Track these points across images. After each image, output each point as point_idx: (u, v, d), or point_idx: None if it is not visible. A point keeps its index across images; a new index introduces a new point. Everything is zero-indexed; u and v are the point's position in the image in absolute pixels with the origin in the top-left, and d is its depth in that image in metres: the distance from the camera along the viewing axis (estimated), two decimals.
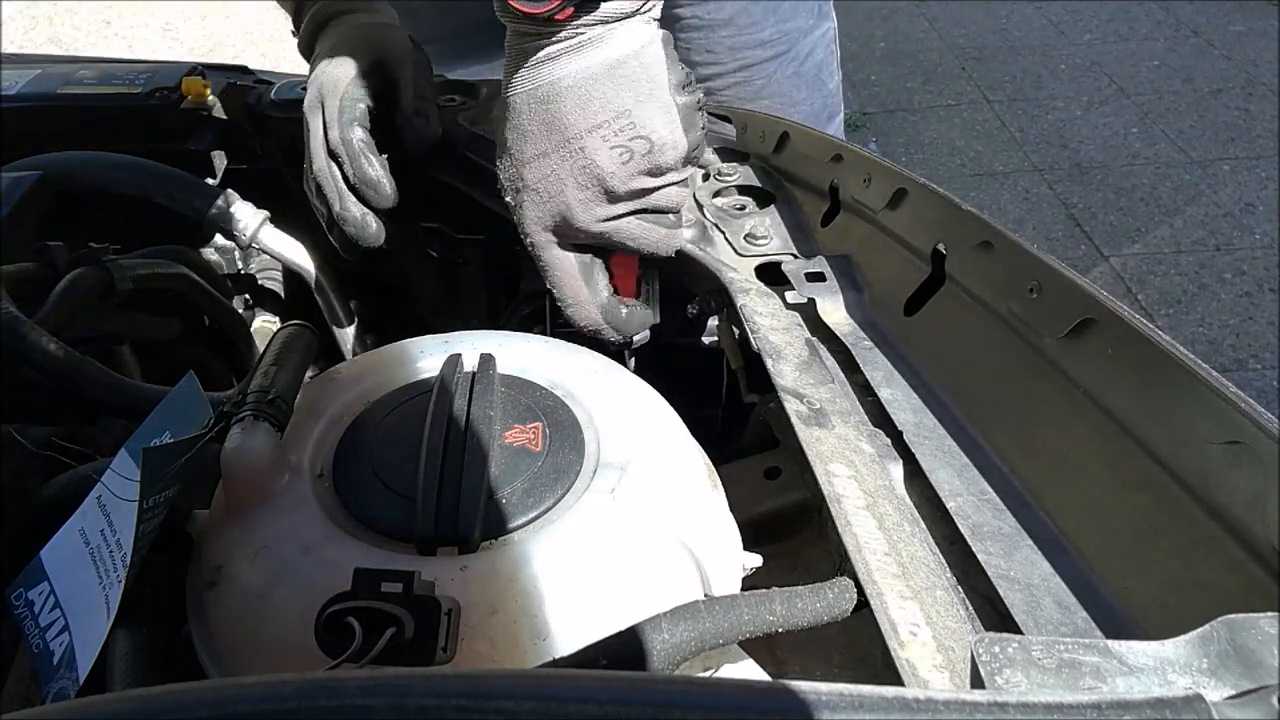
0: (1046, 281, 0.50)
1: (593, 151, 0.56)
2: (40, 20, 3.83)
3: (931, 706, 0.25)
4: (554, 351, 0.56)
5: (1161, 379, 0.42)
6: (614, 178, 0.57)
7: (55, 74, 0.91)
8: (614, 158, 0.56)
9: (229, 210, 0.80)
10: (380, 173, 0.70)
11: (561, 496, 0.45)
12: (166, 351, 0.80)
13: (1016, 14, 3.72)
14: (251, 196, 0.83)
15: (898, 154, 2.95)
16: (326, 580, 0.40)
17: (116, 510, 0.43)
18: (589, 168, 0.57)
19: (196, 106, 0.88)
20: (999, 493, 0.48)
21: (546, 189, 0.58)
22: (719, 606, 0.40)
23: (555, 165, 0.58)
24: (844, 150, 0.70)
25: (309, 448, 0.48)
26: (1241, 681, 0.29)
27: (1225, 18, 3.51)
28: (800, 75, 1.11)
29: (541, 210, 0.59)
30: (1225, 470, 0.39)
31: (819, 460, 0.48)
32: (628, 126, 0.56)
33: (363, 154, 0.69)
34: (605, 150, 0.56)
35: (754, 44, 1.07)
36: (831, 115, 1.17)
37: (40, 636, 0.43)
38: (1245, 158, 2.76)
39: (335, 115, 0.69)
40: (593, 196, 0.58)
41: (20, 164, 0.75)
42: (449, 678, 0.25)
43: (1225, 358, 2.11)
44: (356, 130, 0.69)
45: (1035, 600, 0.42)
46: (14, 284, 0.63)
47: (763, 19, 1.06)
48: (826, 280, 0.66)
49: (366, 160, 0.69)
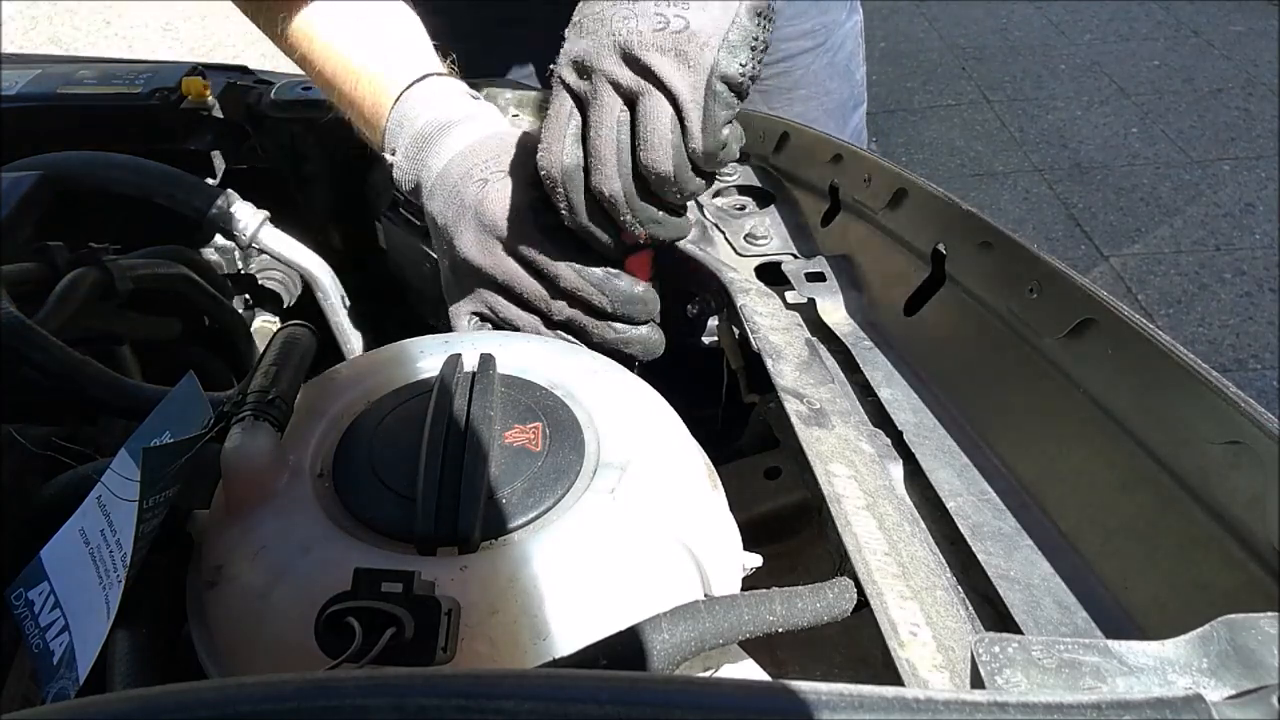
0: (1046, 281, 0.50)
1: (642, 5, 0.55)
2: (40, 20, 3.83)
3: (931, 706, 0.25)
4: (554, 351, 0.56)
5: (1161, 379, 0.42)
6: (640, 36, 0.54)
7: (55, 74, 0.91)
8: (652, 22, 0.54)
9: (229, 210, 0.80)
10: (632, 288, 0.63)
11: (561, 496, 0.45)
12: (166, 351, 0.80)
13: (1016, 14, 3.72)
14: (251, 196, 0.83)
15: (898, 154, 2.95)
16: (326, 580, 0.40)
17: (116, 510, 0.43)
18: (628, 21, 0.55)
19: (196, 106, 0.88)
20: (999, 493, 0.48)
21: (588, 25, 0.56)
22: (719, 606, 0.40)
23: (606, 9, 0.56)
24: (844, 150, 0.70)
25: (309, 448, 0.48)
26: (1241, 681, 0.29)
27: (1225, 18, 3.51)
28: (833, 65, 1.13)
29: (573, 45, 0.57)
30: (1225, 470, 0.39)
31: (819, 460, 0.48)
32: (682, 6, 0.54)
33: (608, 278, 0.62)
34: (651, 13, 0.54)
35: (798, 34, 1.09)
36: (857, 105, 1.20)
37: (40, 636, 0.43)
38: (1245, 158, 2.76)
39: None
40: (614, 45, 0.55)
41: (20, 164, 0.75)
42: (449, 678, 0.25)
43: (1225, 358, 2.11)
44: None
45: (1035, 600, 0.42)
46: (14, 284, 0.63)
47: (806, 10, 1.08)
48: (826, 280, 0.66)
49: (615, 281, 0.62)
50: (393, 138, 0.69)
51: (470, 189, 0.63)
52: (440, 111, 0.68)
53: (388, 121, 0.69)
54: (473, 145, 0.65)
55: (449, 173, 0.65)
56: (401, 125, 0.68)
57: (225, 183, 0.89)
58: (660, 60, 0.54)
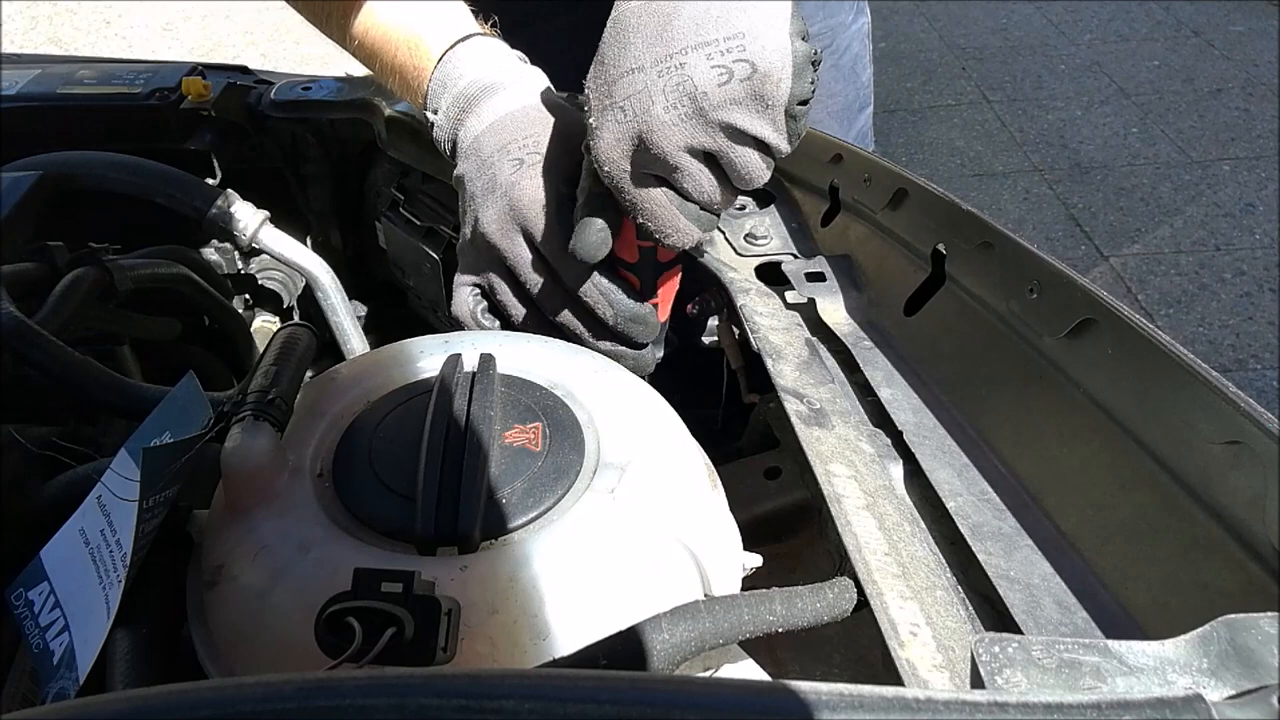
0: (1046, 281, 0.50)
1: (692, 68, 0.52)
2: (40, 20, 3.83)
3: (931, 706, 0.25)
4: (554, 352, 0.56)
5: (1161, 379, 0.42)
6: (707, 98, 0.52)
7: (55, 74, 0.91)
8: (712, 77, 0.51)
9: (229, 210, 0.80)
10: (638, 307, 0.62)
11: (561, 496, 0.45)
12: (166, 351, 0.80)
13: (1016, 14, 3.72)
14: (251, 196, 0.83)
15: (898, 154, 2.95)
16: (326, 580, 0.40)
17: (116, 510, 0.43)
18: (684, 85, 0.52)
19: (196, 106, 0.88)
20: (999, 493, 0.48)
21: (632, 106, 0.53)
22: (719, 606, 0.40)
23: (649, 81, 0.52)
24: (844, 150, 0.70)
25: (309, 448, 0.48)
26: (1241, 681, 0.29)
27: (1225, 18, 3.51)
28: (838, 68, 1.12)
29: (620, 131, 0.54)
30: (1225, 470, 0.39)
31: (819, 460, 0.48)
32: (737, 48, 0.51)
33: (616, 291, 0.61)
34: (705, 67, 0.51)
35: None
36: (863, 106, 1.19)
37: (40, 636, 0.43)
38: (1245, 158, 2.76)
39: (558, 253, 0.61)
40: (679, 117, 0.52)
41: (20, 164, 0.75)
42: (449, 678, 0.25)
43: (1225, 358, 2.11)
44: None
45: (1035, 600, 0.42)
46: (14, 284, 0.63)
47: (814, 14, 1.07)
48: (826, 280, 0.66)
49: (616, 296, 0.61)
50: (435, 98, 0.68)
51: (505, 168, 0.62)
52: (483, 72, 0.67)
53: (430, 82, 0.68)
54: (513, 114, 0.64)
55: (484, 141, 0.64)
56: (445, 85, 0.68)
57: (225, 183, 0.89)
58: (740, 115, 0.52)
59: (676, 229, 0.57)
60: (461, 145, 0.66)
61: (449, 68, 0.68)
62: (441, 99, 0.67)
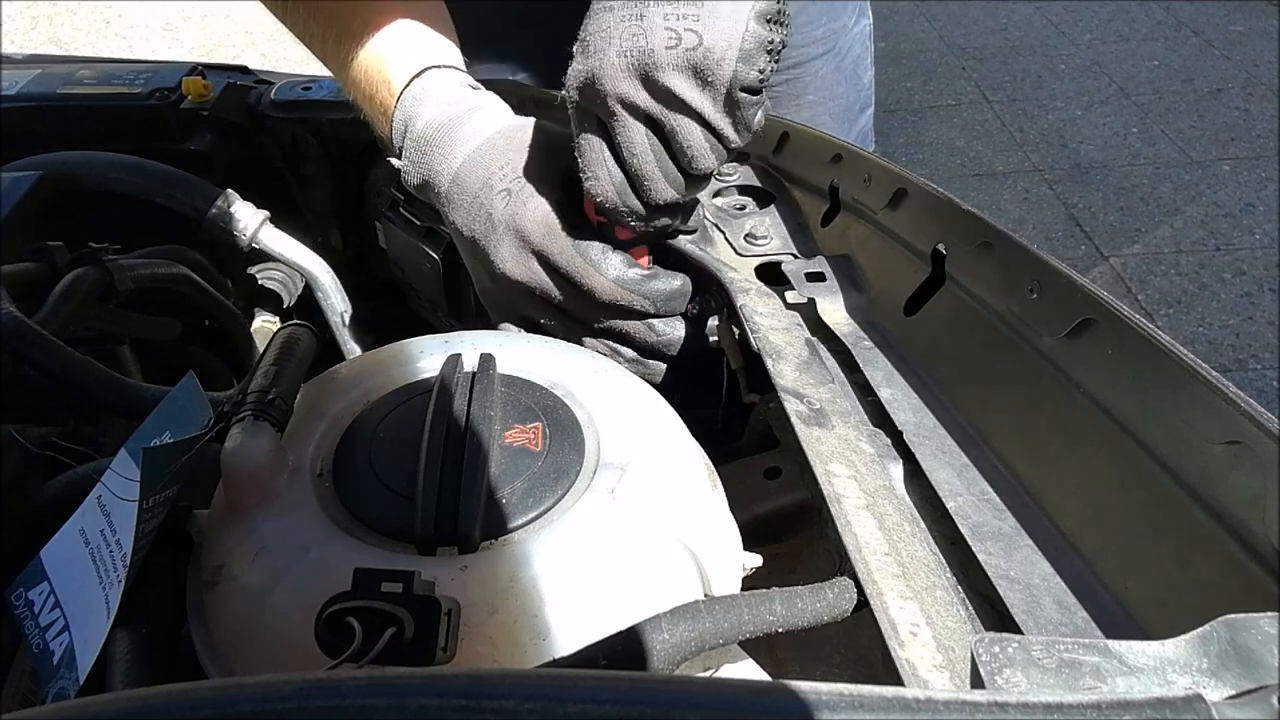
0: (1046, 281, 0.50)
1: (649, 21, 0.53)
2: (40, 20, 3.83)
3: (931, 706, 0.25)
4: (554, 351, 0.56)
5: (1161, 379, 0.42)
6: (652, 55, 0.53)
7: (55, 74, 0.92)
8: (663, 38, 0.53)
9: (229, 210, 0.80)
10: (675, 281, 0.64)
11: (561, 496, 0.45)
12: (166, 351, 0.80)
13: (1016, 14, 3.72)
14: (251, 196, 0.83)
15: (898, 154, 2.95)
16: (326, 580, 0.40)
17: (116, 510, 0.43)
18: (637, 37, 0.53)
19: (196, 106, 0.88)
20: (999, 493, 0.48)
21: (595, 43, 0.55)
22: (719, 606, 0.40)
23: (614, 22, 0.54)
24: (844, 150, 0.70)
25: (309, 448, 0.48)
26: (1241, 681, 0.29)
27: (1225, 18, 3.51)
28: (840, 70, 1.13)
29: (581, 65, 0.56)
30: (1225, 470, 0.39)
31: (819, 460, 0.48)
32: (691, 16, 0.53)
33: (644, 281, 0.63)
34: (660, 26, 0.53)
35: (808, 41, 1.08)
36: (864, 108, 1.19)
37: (40, 636, 0.43)
38: (1245, 158, 2.76)
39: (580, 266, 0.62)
40: (626, 65, 0.54)
41: (20, 164, 0.75)
42: (449, 678, 0.25)
43: (1225, 358, 2.11)
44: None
45: (1035, 600, 0.42)
46: (14, 284, 0.64)
47: (817, 18, 1.08)
48: (826, 280, 0.66)
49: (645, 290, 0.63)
50: (398, 140, 0.69)
51: (496, 203, 0.63)
52: (438, 110, 0.67)
53: (391, 126, 0.69)
54: (481, 148, 0.65)
55: (465, 180, 0.65)
56: (405, 129, 0.68)
57: (225, 183, 0.89)
58: (680, 82, 0.53)
59: (597, 177, 0.58)
60: (439, 190, 0.66)
61: (405, 108, 0.69)
62: (404, 142, 0.68)
